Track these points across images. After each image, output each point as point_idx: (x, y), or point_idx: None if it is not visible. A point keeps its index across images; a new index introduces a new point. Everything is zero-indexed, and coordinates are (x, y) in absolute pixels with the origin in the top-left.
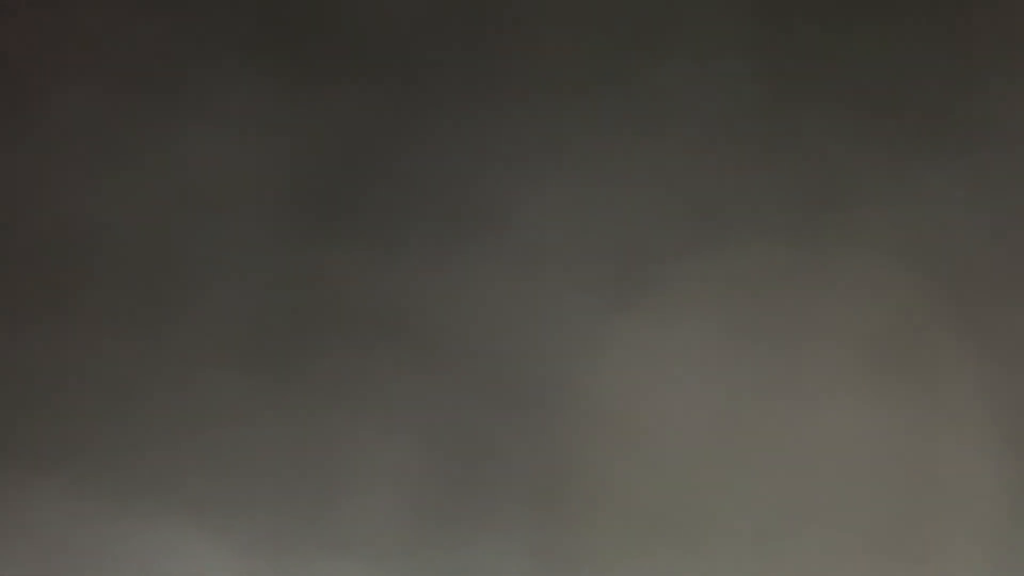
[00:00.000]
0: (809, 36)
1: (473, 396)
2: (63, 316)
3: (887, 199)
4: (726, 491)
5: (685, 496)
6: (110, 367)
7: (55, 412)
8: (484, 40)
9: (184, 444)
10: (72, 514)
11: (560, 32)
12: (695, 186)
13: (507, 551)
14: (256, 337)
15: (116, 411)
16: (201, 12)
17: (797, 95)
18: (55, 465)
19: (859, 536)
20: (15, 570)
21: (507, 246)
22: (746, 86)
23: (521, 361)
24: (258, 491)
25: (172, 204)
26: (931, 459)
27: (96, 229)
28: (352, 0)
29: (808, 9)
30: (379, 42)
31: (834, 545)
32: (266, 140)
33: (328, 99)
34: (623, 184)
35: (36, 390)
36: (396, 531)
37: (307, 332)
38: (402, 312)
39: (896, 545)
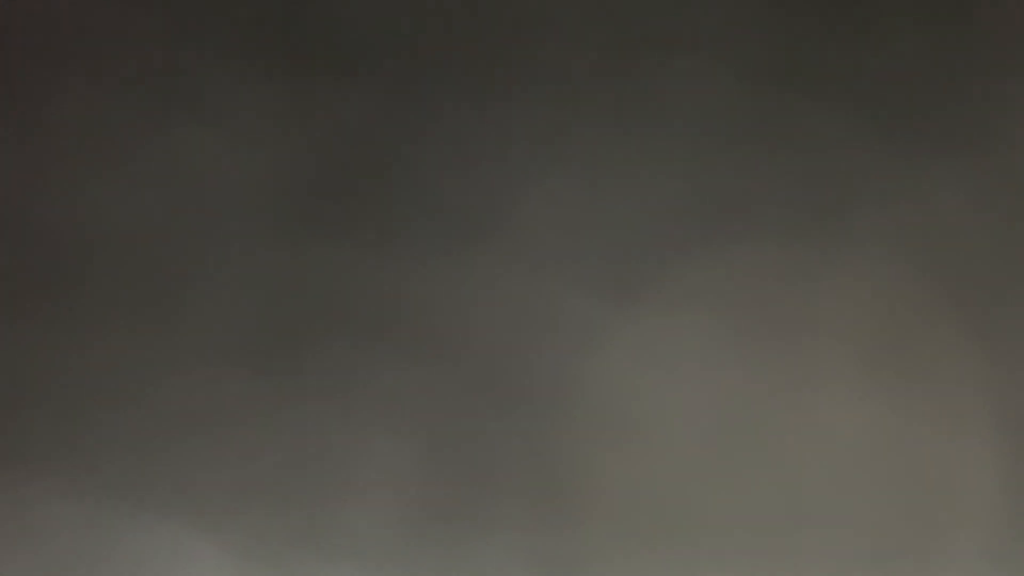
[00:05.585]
0: (809, 36)
1: (473, 396)
2: (62, 315)
3: (887, 199)
4: (727, 490)
5: (685, 495)
6: (107, 367)
7: (52, 411)
8: (484, 39)
9: (181, 444)
10: (69, 515)
11: (560, 32)
12: (695, 186)
13: (506, 552)
14: (255, 337)
15: (112, 411)
16: (201, 12)
17: (798, 95)
18: (53, 465)
19: (859, 535)
20: (13, 570)
21: (507, 245)
22: (746, 86)
23: (521, 360)
24: (256, 492)
25: (171, 203)
26: (931, 458)
27: (95, 228)
28: (352, 0)
29: (809, 9)
30: (379, 42)
31: (834, 544)
32: (265, 139)
33: (327, 98)
34: (623, 183)
35: (33, 389)
36: (395, 532)
37: (306, 332)
38: (401, 312)
39: (896, 544)
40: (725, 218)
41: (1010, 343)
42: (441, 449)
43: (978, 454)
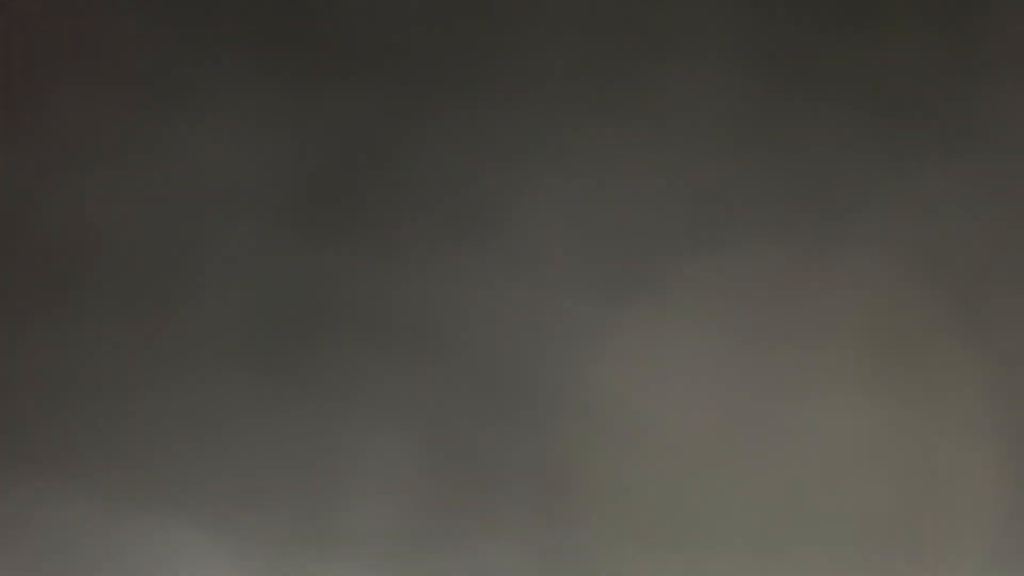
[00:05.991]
0: (808, 36)
1: (473, 396)
2: (63, 316)
3: (887, 199)
4: (727, 491)
5: (686, 496)
6: (107, 367)
7: (52, 412)
8: (483, 40)
9: (182, 444)
10: (71, 515)
11: (559, 32)
12: (695, 186)
13: (506, 552)
14: (255, 337)
15: (114, 411)
16: (201, 12)
17: (797, 95)
18: (54, 465)
19: (859, 536)
20: (14, 570)
21: (506, 246)
22: (746, 86)
23: (521, 361)
24: (257, 492)
25: (171, 204)
26: (931, 459)
27: (96, 229)
28: (352, 0)
29: (807, 9)
30: (378, 41)
31: (835, 545)
32: (265, 140)
33: (327, 99)
34: (622, 184)
35: (35, 390)
36: (395, 532)
37: (306, 332)
38: (401, 312)
39: (896, 545)
40: (725, 219)
41: (1010, 343)
42: (441, 449)
43: (978, 454)
